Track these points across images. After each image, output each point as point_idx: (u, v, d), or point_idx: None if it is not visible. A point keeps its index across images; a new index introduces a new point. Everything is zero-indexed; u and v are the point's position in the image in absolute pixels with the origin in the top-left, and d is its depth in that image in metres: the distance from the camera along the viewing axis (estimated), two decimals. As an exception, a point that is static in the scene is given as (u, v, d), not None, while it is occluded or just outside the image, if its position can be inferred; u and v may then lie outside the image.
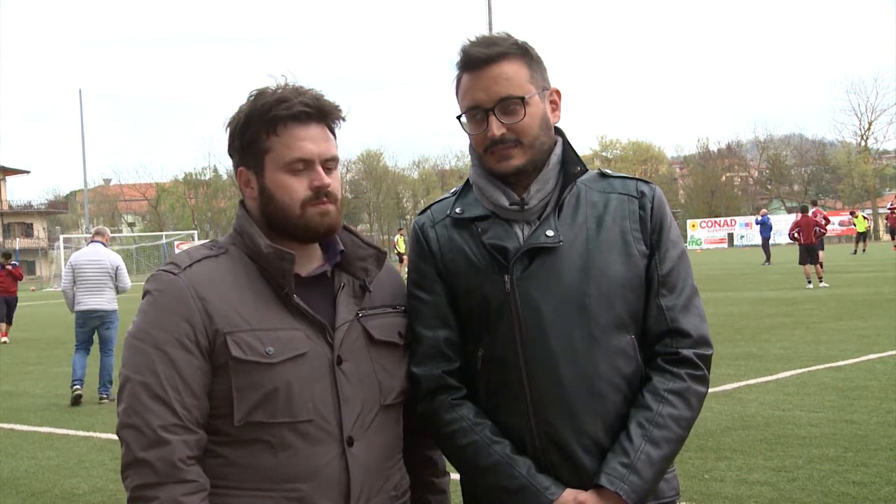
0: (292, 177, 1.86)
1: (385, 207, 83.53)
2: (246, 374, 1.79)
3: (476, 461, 1.93)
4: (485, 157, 1.98)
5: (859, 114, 76.73)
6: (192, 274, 1.83)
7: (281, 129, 1.86)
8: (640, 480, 1.86)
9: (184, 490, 1.72)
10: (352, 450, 1.85)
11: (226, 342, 1.78)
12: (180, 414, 1.75)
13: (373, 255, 1.99)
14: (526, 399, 1.92)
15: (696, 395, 1.95)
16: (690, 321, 1.96)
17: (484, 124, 1.94)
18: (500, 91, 1.92)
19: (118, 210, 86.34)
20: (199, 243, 1.99)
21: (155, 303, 1.82)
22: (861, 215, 41.19)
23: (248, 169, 1.92)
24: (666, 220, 2.01)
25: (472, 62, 1.94)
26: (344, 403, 1.85)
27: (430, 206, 2.12)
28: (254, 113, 1.88)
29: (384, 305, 2.00)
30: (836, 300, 16.71)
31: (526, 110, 1.93)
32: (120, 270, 10.12)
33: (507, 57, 1.94)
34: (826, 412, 7.18)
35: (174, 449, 1.73)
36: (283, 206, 1.87)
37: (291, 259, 1.84)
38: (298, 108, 1.85)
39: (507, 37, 1.97)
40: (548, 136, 1.99)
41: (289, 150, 1.86)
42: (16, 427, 8.79)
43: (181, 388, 1.76)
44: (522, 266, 1.93)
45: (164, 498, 1.71)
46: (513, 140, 1.93)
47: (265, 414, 1.79)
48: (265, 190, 1.89)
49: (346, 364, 1.87)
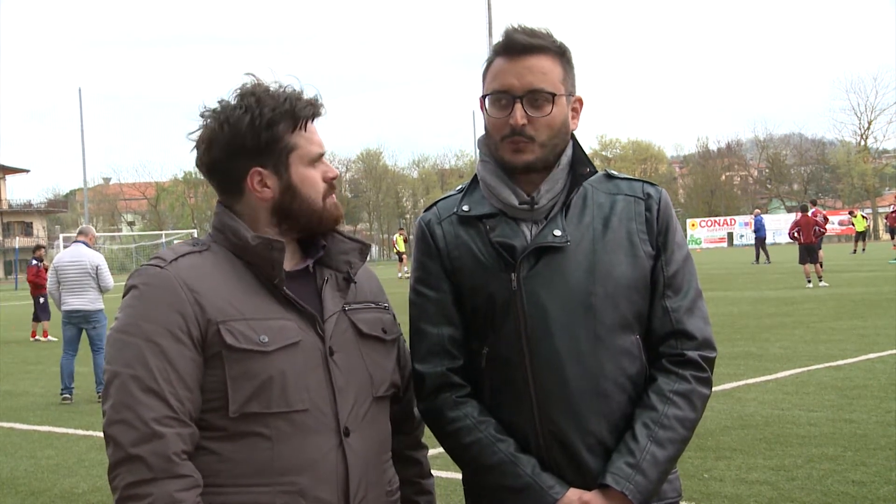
0: (314, 171, 1.91)
1: (385, 207, 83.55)
2: (240, 363, 1.77)
3: (480, 459, 1.93)
4: (500, 145, 1.96)
5: (859, 113, 76.94)
6: (179, 266, 1.82)
7: (305, 127, 1.90)
8: (645, 481, 1.87)
9: (178, 486, 1.68)
10: (349, 440, 1.84)
11: (219, 331, 1.76)
12: (174, 406, 1.71)
13: (356, 248, 1.99)
14: (530, 398, 1.92)
15: (700, 396, 1.96)
16: (695, 323, 1.97)
17: (508, 110, 1.93)
18: (533, 81, 1.92)
19: (118, 209, 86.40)
20: (179, 242, 1.98)
21: (142, 296, 1.79)
22: (860, 215, 41.20)
23: (265, 168, 1.88)
24: (672, 223, 2.02)
25: (513, 47, 1.93)
26: (339, 394, 1.84)
27: (436, 203, 2.12)
28: (278, 112, 1.86)
29: (366, 301, 2.01)
30: (835, 300, 16.72)
31: (553, 108, 1.93)
32: (100, 270, 10.12)
33: (547, 52, 1.94)
34: (825, 411, 7.19)
35: (168, 442, 1.69)
36: (309, 200, 1.89)
37: (281, 248, 1.84)
38: (317, 107, 1.92)
39: (550, 34, 1.97)
40: (563, 140, 1.99)
41: (311, 145, 1.91)
42: (15, 426, 8.79)
43: (174, 380, 1.72)
44: (529, 265, 1.93)
45: (158, 494, 1.66)
46: (530, 136, 1.93)
47: (260, 404, 1.77)
48: (290, 187, 1.88)
49: (337, 355, 1.87)
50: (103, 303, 10.36)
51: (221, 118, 1.87)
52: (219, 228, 1.91)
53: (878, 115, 75.84)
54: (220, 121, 1.87)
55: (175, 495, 1.67)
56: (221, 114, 1.87)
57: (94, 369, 10.21)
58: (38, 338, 17.55)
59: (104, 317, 10.25)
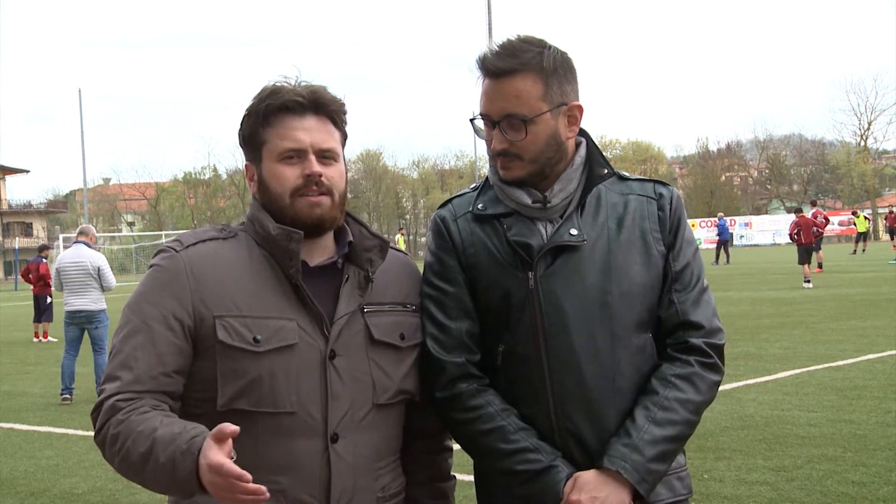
0: (286, 167, 1.87)
1: (385, 207, 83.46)
2: (231, 360, 1.78)
3: (500, 445, 1.92)
4: (494, 160, 2.01)
5: (859, 114, 76.84)
6: (191, 253, 1.85)
7: (274, 120, 1.88)
8: (642, 459, 1.86)
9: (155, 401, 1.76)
10: (335, 447, 1.83)
11: (214, 325, 1.79)
12: (150, 386, 1.77)
13: (377, 245, 1.97)
14: (547, 395, 1.93)
15: (704, 379, 1.95)
16: (702, 314, 1.99)
17: (491, 133, 1.97)
18: (505, 107, 1.92)
19: (118, 209, 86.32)
20: (209, 226, 2.00)
21: (151, 277, 1.86)
22: (863, 216, 41.22)
23: (251, 163, 1.94)
24: (682, 220, 2.05)
25: (487, 71, 1.94)
26: (332, 399, 1.83)
27: (451, 201, 2.13)
28: (251, 107, 1.90)
29: (394, 302, 1.98)
30: (835, 300, 16.73)
31: (528, 129, 1.92)
32: (102, 270, 10.14)
33: (521, 72, 1.91)
34: (825, 412, 7.19)
35: (145, 401, 1.76)
36: (276, 196, 1.88)
37: (299, 239, 1.83)
38: (289, 97, 1.87)
39: (531, 48, 1.93)
40: (556, 151, 1.97)
41: (281, 140, 1.87)
42: (15, 426, 8.79)
43: (154, 364, 1.77)
44: (546, 263, 1.94)
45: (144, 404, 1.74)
46: (514, 153, 1.95)
47: (248, 402, 1.79)
48: (262, 181, 1.91)
49: (339, 359, 1.85)
50: (105, 303, 10.37)
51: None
52: (250, 218, 1.95)
53: (877, 115, 75.82)
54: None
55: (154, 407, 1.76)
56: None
57: (95, 370, 10.21)
58: (39, 338, 17.54)
59: (106, 317, 10.26)
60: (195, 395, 1.83)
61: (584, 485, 1.86)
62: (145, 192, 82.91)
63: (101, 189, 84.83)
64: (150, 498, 5.74)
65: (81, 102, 44.24)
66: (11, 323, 21.96)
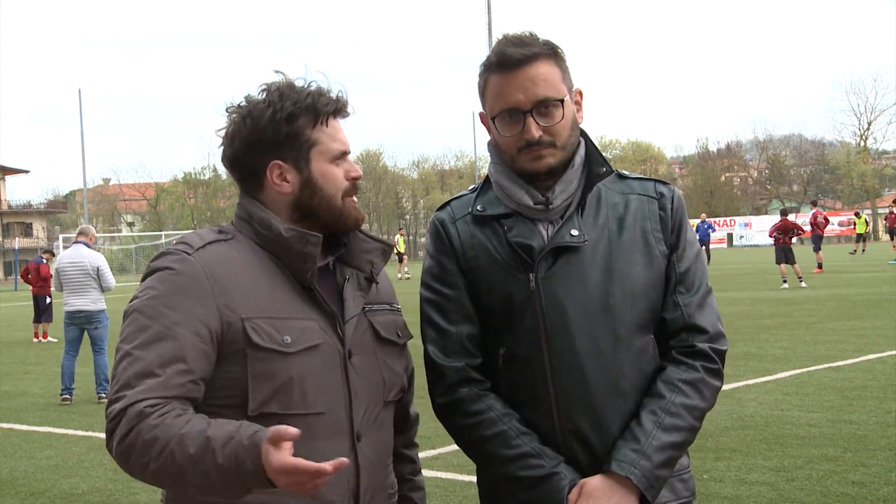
0: (337, 168, 1.91)
1: (384, 207, 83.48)
2: (262, 363, 1.75)
3: (502, 450, 1.91)
4: (517, 157, 1.96)
5: (858, 114, 77.00)
6: (205, 255, 1.79)
7: (328, 122, 1.89)
8: (650, 465, 1.86)
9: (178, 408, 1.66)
10: (360, 445, 1.83)
11: (244, 328, 1.74)
12: (176, 394, 1.68)
13: (379, 248, 1.97)
14: (550, 397, 1.92)
15: (709, 387, 1.96)
16: (706, 318, 1.98)
17: (520, 126, 1.93)
18: (538, 93, 1.91)
19: (117, 210, 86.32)
20: (205, 228, 1.95)
21: (167, 281, 1.76)
22: (864, 217, 41.21)
23: (286, 162, 1.87)
24: (684, 220, 2.04)
25: (509, 62, 1.92)
26: (354, 398, 1.84)
27: (449, 203, 2.12)
28: (299, 106, 1.86)
29: (383, 302, 2.00)
30: (835, 300, 16.73)
31: (563, 112, 1.93)
32: (101, 271, 10.13)
33: (542, 57, 1.92)
34: (825, 412, 7.19)
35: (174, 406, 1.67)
36: (328, 197, 1.88)
37: (317, 242, 1.82)
38: (340, 104, 1.91)
39: (537, 37, 1.96)
40: (576, 137, 1.99)
41: (334, 142, 1.89)
42: (15, 427, 8.78)
43: (182, 371, 1.69)
44: (547, 265, 1.93)
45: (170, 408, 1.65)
46: (548, 142, 1.93)
47: (279, 405, 1.75)
48: (310, 182, 1.87)
49: (355, 358, 1.86)
50: (105, 303, 10.37)
51: (244, 112, 1.88)
52: (245, 218, 1.89)
53: (877, 115, 76.04)
54: (244, 115, 1.88)
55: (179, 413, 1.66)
56: (245, 108, 1.88)
57: (95, 370, 10.18)
58: (39, 339, 17.54)
59: (106, 317, 10.26)
60: (217, 401, 1.75)
61: (592, 492, 1.85)
62: (145, 193, 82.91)
63: (101, 189, 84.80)
64: (151, 498, 5.75)
65: (81, 102, 44.18)
66: (11, 323, 21.97)
